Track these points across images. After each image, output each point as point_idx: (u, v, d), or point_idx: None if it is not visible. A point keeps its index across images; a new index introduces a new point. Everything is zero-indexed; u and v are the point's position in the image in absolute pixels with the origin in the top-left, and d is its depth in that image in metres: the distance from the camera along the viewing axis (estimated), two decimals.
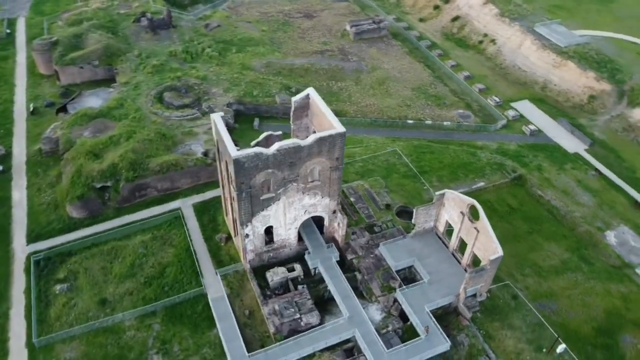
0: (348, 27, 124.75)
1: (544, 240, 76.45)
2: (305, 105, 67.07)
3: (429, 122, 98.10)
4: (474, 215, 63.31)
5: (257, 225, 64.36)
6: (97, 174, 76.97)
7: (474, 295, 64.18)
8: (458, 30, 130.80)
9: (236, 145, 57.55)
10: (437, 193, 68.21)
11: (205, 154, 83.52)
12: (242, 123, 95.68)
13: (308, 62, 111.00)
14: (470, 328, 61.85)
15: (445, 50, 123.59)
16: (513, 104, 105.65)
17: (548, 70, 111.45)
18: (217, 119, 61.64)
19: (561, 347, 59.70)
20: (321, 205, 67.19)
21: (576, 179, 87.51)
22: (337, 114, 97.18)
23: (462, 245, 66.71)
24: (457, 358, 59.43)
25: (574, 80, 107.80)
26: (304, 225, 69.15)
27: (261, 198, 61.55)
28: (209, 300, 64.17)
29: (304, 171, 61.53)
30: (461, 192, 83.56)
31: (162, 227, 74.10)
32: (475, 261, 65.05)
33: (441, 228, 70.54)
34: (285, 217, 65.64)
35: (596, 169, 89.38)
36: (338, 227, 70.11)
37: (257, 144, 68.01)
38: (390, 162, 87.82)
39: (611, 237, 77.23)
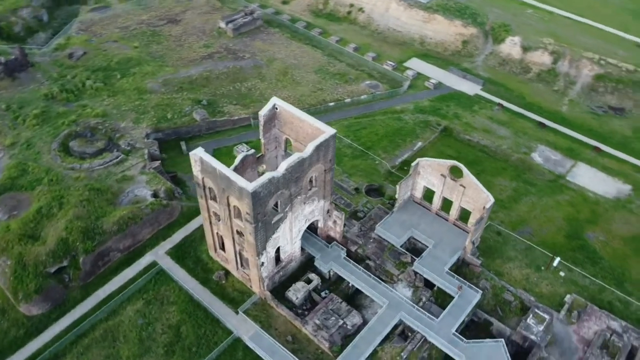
0: (223, 25, 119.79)
1: (491, 177, 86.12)
2: (272, 116, 64.69)
3: (348, 100, 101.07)
4: (455, 174, 68.68)
5: (269, 250, 61.77)
6: (47, 257, 65.27)
7: (472, 244, 70.57)
8: (324, 6, 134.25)
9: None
10: (412, 164, 71.96)
11: (155, 195, 75.76)
12: (167, 151, 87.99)
13: (204, 69, 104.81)
14: (484, 273, 68.33)
15: (321, 27, 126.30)
16: (405, 64, 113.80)
17: (420, 27, 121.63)
18: (202, 155, 56.70)
19: (556, 261, 69.61)
20: (318, 209, 66.72)
21: (487, 117, 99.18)
22: None
23: (445, 204, 72.20)
24: (486, 302, 65.54)
25: (445, 30, 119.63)
26: None
27: (272, 222, 59.06)
28: (246, 341, 60.51)
29: (305, 182, 60.38)
30: (407, 156, 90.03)
31: (150, 288, 66.45)
32: (462, 214, 71.06)
33: (419, 195, 75.13)
34: (292, 232, 63.99)
35: (498, 104, 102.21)
36: (334, 224, 70.38)
37: (235, 169, 64.23)
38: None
39: (536, 157, 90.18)
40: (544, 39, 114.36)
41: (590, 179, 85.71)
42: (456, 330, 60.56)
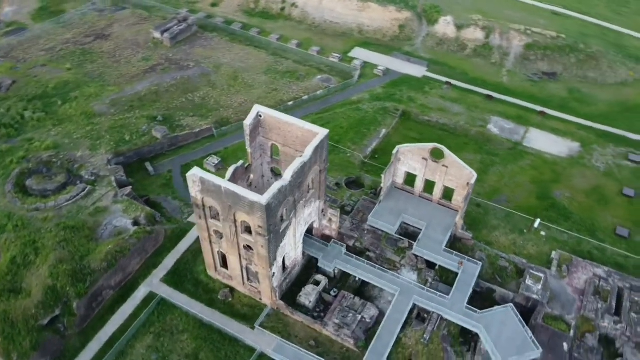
0: (158, 35, 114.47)
1: (456, 153, 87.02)
2: (257, 125, 63.60)
3: (305, 97, 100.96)
4: (436, 156, 71.37)
5: (279, 260, 61.17)
6: (36, 309, 60.19)
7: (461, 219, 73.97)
8: (255, 5, 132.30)
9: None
10: (393, 152, 73.71)
11: (137, 223, 71.90)
12: (132, 175, 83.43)
13: (150, 84, 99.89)
14: (476, 245, 72.02)
15: (258, 26, 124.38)
16: (350, 55, 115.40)
17: (356, 16, 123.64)
18: (203, 175, 54.80)
19: (537, 222, 74.86)
20: (314, 210, 66.82)
21: (439, 96, 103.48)
22: (221, 123, 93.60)
23: (426, 186, 74.94)
24: (484, 272, 69.19)
25: (381, 17, 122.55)
26: None
27: (280, 231, 58.45)
28: (270, 355, 59.81)
29: (305, 186, 60.22)
30: (376, 144, 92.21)
31: (155, 320, 63.45)
32: (445, 192, 74.16)
33: (400, 180, 77.31)
34: (295, 237, 63.71)
35: (446, 82, 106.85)
36: (329, 222, 70.79)
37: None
38: None
39: (493, 128, 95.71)
40: (473, 16, 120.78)
41: (543, 142, 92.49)
42: (467, 303, 63.64)
